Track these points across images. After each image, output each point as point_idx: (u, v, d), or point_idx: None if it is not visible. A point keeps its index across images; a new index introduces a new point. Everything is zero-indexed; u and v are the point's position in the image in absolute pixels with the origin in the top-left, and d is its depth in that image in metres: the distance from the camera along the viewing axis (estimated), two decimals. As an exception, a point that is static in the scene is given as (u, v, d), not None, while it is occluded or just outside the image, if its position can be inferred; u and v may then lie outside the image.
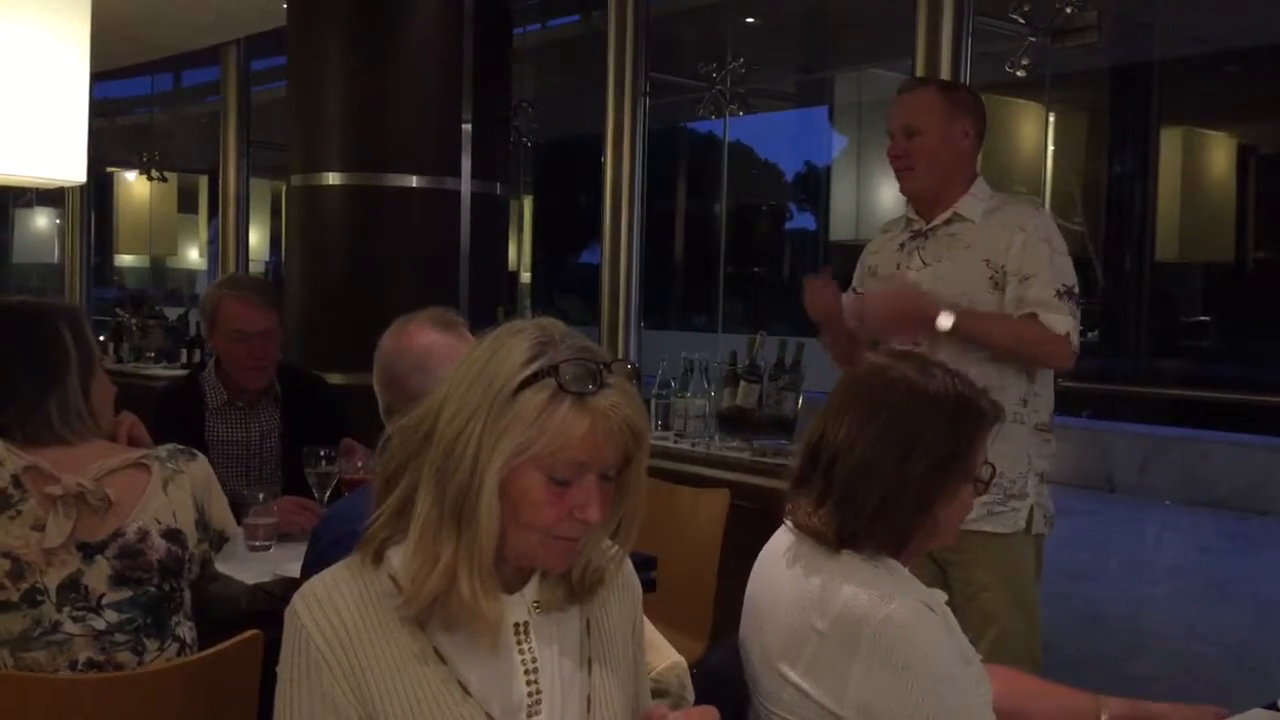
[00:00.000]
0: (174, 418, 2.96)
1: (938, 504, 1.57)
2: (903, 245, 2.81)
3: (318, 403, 3.08)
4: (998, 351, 2.61)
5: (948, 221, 2.73)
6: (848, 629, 1.49)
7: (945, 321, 2.56)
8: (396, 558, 1.26)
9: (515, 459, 1.20)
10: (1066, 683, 1.90)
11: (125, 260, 12.43)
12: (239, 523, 2.57)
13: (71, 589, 1.75)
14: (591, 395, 1.20)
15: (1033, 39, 4.64)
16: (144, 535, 1.81)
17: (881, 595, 1.49)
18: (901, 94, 2.86)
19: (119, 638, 1.78)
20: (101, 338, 7.11)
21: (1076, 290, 2.65)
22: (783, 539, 1.64)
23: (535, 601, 1.31)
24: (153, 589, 1.81)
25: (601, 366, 1.22)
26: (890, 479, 1.54)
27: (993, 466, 1.63)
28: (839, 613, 1.50)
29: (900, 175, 2.78)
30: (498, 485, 1.21)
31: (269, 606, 2.11)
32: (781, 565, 1.61)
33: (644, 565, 2.38)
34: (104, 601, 1.77)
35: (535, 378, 1.20)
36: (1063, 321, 2.59)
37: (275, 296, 3.15)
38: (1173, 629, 5.57)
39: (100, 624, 1.76)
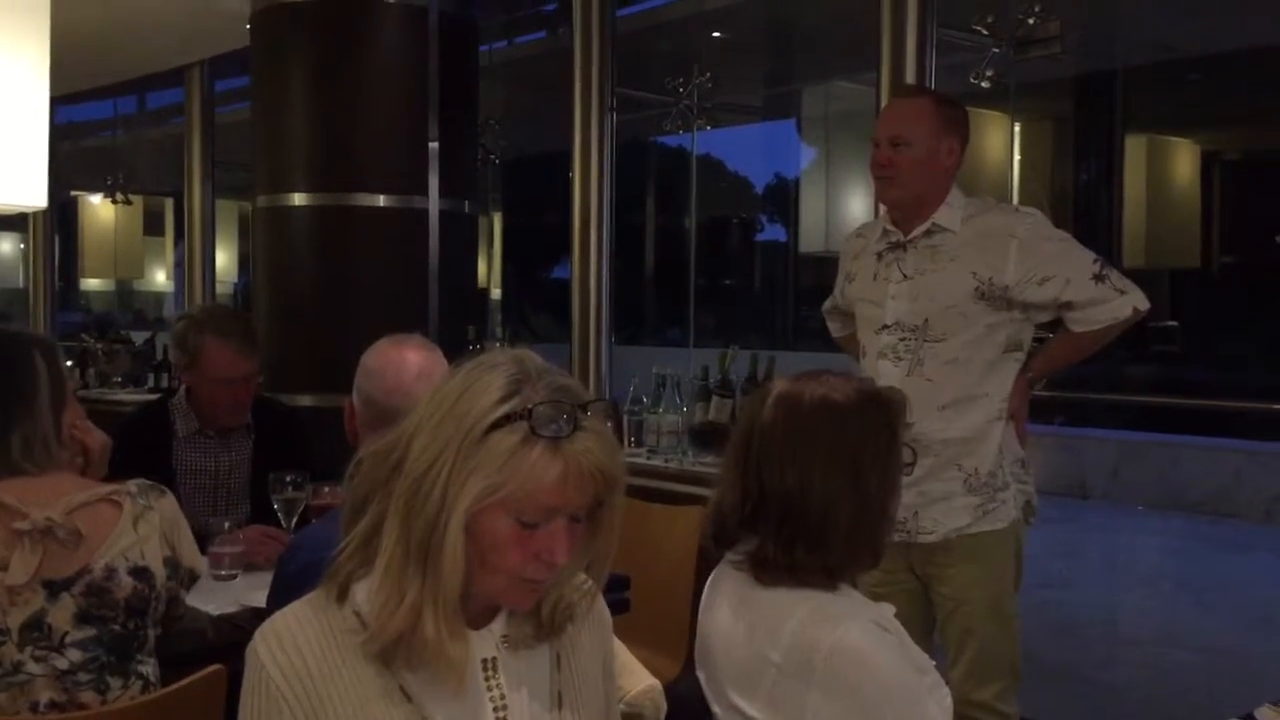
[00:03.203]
0: (141, 446, 2.91)
1: (891, 504, 1.60)
2: (880, 255, 2.77)
3: (291, 435, 3.04)
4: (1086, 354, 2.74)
5: (927, 233, 2.69)
6: (800, 658, 1.48)
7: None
8: (361, 592, 1.23)
9: (483, 500, 1.17)
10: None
11: (91, 284, 12.27)
12: (204, 552, 2.54)
13: (34, 628, 1.72)
14: (565, 439, 1.17)
15: (996, 50, 4.67)
16: (111, 573, 1.78)
17: (830, 621, 1.48)
18: (895, 100, 2.80)
19: (82, 677, 1.74)
20: (69, 363, 7.02)
21: (1101, 260, 2.65)
22: (729, 575, 1.62)
23: (504, 636, 1.28)
24: (117, 627, 1.78)
25: (576, 409, 1.18)
26: (853, 502, 1.54)
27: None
28: (790, 643, 1.49)
29: (880, 184, 2.73)
30: (464, 525, 1.18)
31: (235, 638, 2.07)
32: (732, 601, 1.59)
33: (617, 585, 2.37)
34: (67, 640, 1.73)
35: (507, 419, 1.17)
36: (1122, 305, 2.63)
37: (257, 337, 3.07)
38: (1148, 635, 5.58)
39: (63, 663, 1.73)
